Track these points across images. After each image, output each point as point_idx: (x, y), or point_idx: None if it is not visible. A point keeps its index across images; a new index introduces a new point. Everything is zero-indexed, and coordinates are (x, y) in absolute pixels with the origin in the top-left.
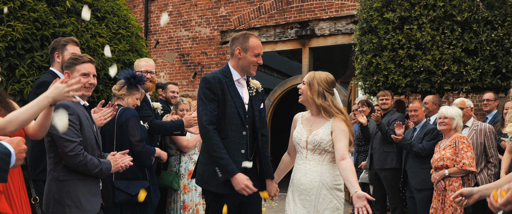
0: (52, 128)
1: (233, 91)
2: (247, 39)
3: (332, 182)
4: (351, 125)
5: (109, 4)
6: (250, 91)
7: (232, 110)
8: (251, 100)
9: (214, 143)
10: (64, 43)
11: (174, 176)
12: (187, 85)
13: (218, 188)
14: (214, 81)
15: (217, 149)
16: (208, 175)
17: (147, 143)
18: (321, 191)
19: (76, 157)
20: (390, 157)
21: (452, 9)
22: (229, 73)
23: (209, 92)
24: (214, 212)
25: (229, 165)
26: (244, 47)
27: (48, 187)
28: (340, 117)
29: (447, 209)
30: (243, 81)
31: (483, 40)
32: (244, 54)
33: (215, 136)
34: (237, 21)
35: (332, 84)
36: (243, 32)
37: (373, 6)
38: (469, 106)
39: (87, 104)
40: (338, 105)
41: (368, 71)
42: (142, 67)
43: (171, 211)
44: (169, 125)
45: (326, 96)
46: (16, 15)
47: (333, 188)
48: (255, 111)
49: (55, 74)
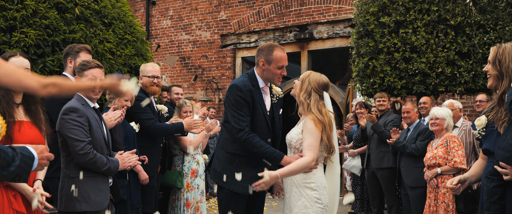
0: (63, 130)
1: (260, 99)
2: (271, 52)
3: (302, 180)
4: (326, 125)
5: (116, 10)
6: (272, 99)
7: (260, 118)
8: (272, 108)
9: (255, 144)
10: (78, 50)
11: (178, 175)
12: (188, 88)
13: (236, 188)
14: (245, 90)
15: (259, 146)
16: (226, 174)
17: (130, 142)
18: (292, 189)
19: (86, 155)
20: (386, 157)
21: (445, 13)
22: (256, 81)
23: (241, 100)
24: (227, 207)
25: (274, 152)
26: (268, 59)
27: (61, 183)
28: (310, 116)
29: (440, 205)
30: (267, 89)
31: (475, 43)
32: (267, 66)
33: (254, 137)
34: (237, 25)
35: (323, 86)
36: (269, 44)
37: (370, 11)
38: (458, 107)
39: (97, 107)
40: (319, 106)
41: (365, 74)
42: (148, 72)
43: (175, 208)
44: (170, 127)
45: (311, 96)
46: (29, 22)
47: (302, 186)
48: (275, 117)
49: (68, 79)
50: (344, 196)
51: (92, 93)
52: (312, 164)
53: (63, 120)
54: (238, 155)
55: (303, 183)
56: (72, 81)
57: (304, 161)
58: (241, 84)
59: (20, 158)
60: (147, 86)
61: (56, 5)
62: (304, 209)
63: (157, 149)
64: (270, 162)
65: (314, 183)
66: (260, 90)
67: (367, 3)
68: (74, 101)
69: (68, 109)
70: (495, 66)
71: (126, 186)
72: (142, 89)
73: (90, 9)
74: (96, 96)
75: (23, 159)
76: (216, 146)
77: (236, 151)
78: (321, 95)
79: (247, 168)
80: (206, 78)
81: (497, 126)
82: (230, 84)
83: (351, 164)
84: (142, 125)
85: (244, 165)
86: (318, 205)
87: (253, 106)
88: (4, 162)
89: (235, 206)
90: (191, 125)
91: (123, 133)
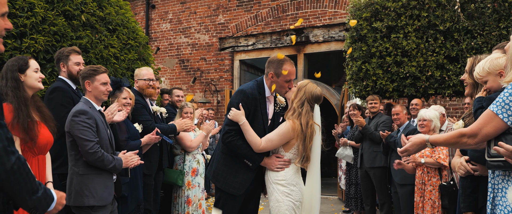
0: (73, 130)
1: (263, 108)
2: (281, 66)
3: (273, 177)
4: (307, 136)
5: (119, 17)
6: (275, 108)
7: (259, 126)
8: (273, 117)
9: (239, 146)
10: (67, 54)
11: (179, 173)
12: (187, 90)
13: (232, 190)
14: (251, 97)
15: (242, 148)
16: (223, 175)
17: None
18: (268, 184)
19: (95, 154)
20: (378, 156)
21: (435, 19)
22: (263, 89)
23: (243, 104)
24: (224, 206)
25: (255, 154)
26: (277, 72)
27: (70, 179)
28: (290, 120)
29: (427, 202)
30: (272, 98)
31: (463, 48)
32: (276, 78)
33: (237, 140)
34: (235, 29)
35: (316, 99)
36: (279, 58)
37: (363, 16)
38: (441, 113)
39: (102, 109)
40: (308, 118)
41: (358, 77)
42: (144, 75)
43: (176, 205)
44: (165, 127)
45: (304, 105)
46: (38, 29)
47: (274, 182)
48: (275, 125)
49: (64, 82)
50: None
51: (104, 96)
52: (256, 149)
53: (73, 122)
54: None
55: (274, 180)
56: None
57: (252, 142)
58: (249, 92)
59: (42, 192)
60: (144, 89)
61: (64, 12)
62: (277, 203)
63: (155, 148)
64: (251, 162)
65: (284, 180)
66: (266, 98)
67: (360, 9)
68: (82, 105)
69: (78, 112)
70: (471, 75)
71: (127, 183)
72: (138, 92)
73: (95, 16)
74: (105, 99)
75: (45, 194)
76: (216, 147)
77: (231, 152)
78: (312, 107)
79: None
80: (204, 81)
81: None
82: (238, 88)
83: (344, 154)
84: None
85: (238, 166)
86: (289, 199)
87: (253, 114)
88: (32, 188)
89: (231, 205)
90: (182, 125)
91: (128, 132)
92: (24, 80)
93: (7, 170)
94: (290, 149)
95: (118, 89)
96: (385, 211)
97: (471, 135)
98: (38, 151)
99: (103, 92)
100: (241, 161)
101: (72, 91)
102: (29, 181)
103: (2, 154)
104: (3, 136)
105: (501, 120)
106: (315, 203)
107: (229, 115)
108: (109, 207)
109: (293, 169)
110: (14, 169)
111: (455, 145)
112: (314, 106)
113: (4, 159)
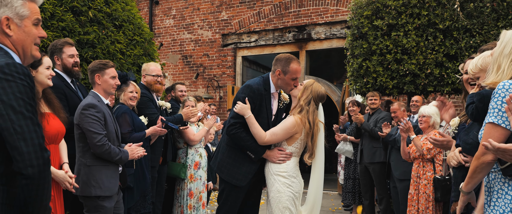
0: (83, 123)
1: (268, 104)
2: (289, 64)
3: (275, 169)
4: (315, 133)
5: (126, 13)
6: (279, 104)
7: (263, 121)
8: (277, 112)
9: (242, 138)
10: (60, 46)
11: (182, 166)
12: (189, 85)
13: (235, 181)
14: (257, 93)
15: (246, 140)
16: (228, 167)
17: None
18: (268, 176)
19: (103, 146)
20: (378, 152)
21: (435, 17)
22: (269, 86)
23: (249, 99)
24: (228, 197)
25: (258, 146)
26: (284, 70)
27: (77, 170)
28: (296, 115)
29: (422, 195)
30: (276, 94)
31: (462, 46)
32: (283, 76)
33: (241, 132)
34: (237, 25)
35: (321, 98)
36: (287, 56)
37: (364, 14)
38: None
39: (109, 103)
40: (314, 116)
41: (358, 74)
42: (152, 71)
43: (178, 197)
44: (171, 119)
45: (311, 104)
46: (47, 24)
47: (276, 173)
48: (278, 120)
49: (59, 75)
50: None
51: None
52: (261, 141)
53: (83, 115)
54: (237, 149)
55: (276, 171)
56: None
57: (258, 134)
58: (255, 87)
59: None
60: (152, 85)
61: (72, 8)
62: (278, 193)
63: (159, 141)
64: (254, 154)
65: (286, 172)
66: (271, 95)
67: (362, 7)
68: (91, 98)
69: (87, 105)
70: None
71: (132, 174)
72: (146, 87)
73: (102, 12)
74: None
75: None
76: (220, 139)
77: (235, 145)
78: (317, 105)
79: (245, 162)
80: (207, 77)
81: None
82: (245, 83)
83: (344, 149)
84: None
85: (242, 158)
86: (289, 190)
87: (258, 109)
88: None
89: (235, 196)
90: (189, 114)
91: (133, 125)
92: (35, 76)
93: (40, 165)
94: (293, 143)
95: (124, 83)
96: (383, 205)
97: (484, 154)
98: (49, 141)
99: (112, 86)
100: (245, 153)
101: (66, 86)
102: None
103: (37, 149)
104: (39, 133)
105: (503, 128)
106: (318, 198)
107: (235, 108)
108: (115, 197)
109: (294, 161)
110: (45, 166)
111: (481, 170)
112: (319, 105)
113: (38, 154)
